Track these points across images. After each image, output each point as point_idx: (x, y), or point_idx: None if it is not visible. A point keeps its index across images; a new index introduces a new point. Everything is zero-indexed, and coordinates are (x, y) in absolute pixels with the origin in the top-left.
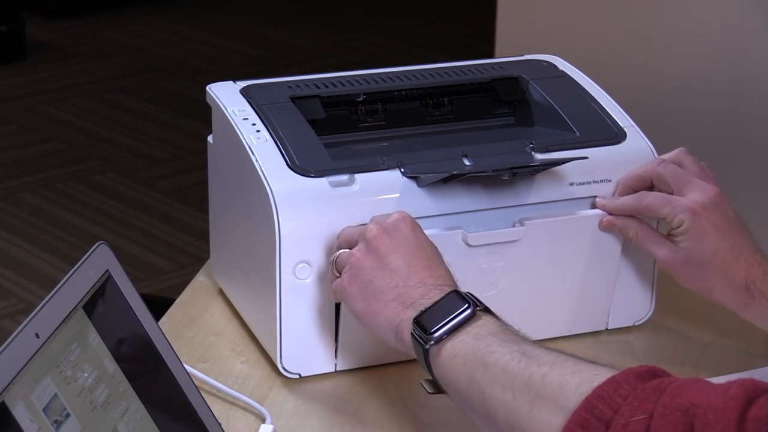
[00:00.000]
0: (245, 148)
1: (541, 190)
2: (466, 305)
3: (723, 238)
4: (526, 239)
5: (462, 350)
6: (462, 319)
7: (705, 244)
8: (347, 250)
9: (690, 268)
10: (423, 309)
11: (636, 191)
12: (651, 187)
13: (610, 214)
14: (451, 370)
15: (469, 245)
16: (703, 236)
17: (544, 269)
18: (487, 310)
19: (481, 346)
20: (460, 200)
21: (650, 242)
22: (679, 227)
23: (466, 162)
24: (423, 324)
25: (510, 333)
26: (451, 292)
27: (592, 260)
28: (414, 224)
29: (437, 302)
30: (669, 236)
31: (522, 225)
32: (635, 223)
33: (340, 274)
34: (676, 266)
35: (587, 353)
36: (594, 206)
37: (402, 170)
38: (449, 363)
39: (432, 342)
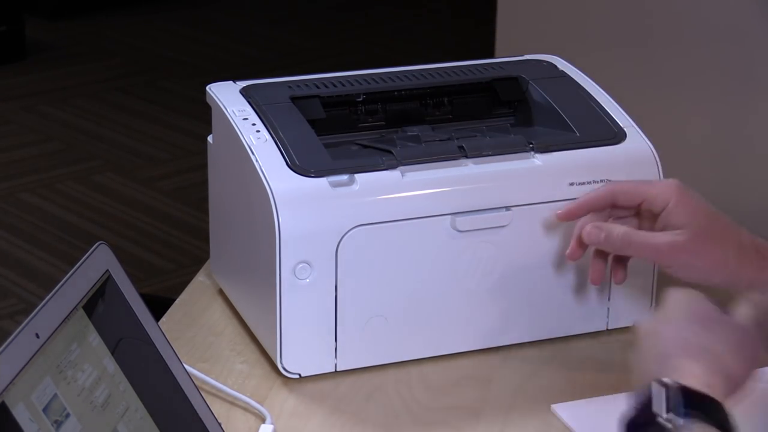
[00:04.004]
0: (245, 148)
1: (540, 191)
2: None
3: (712, 209)
4: (514, 224)
5: None
6: None
7: (702, 213)
8: None
9: (699, 242)
10: None
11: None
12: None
13: (574, 218)
14: None
15: (457, 230)
16: (697, 205)
17: (537, 259)
18: None
19: None
20: (460, 201)
21: (644, 237)
22: (666, 206)
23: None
24: None
25: None
26: None
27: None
28: None
29: None
30: (658, 227)
31: (508, 210)
32: (615, 226)
33: None
34: (685, 247)
35: (587, 353)
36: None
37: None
38: None
39: None
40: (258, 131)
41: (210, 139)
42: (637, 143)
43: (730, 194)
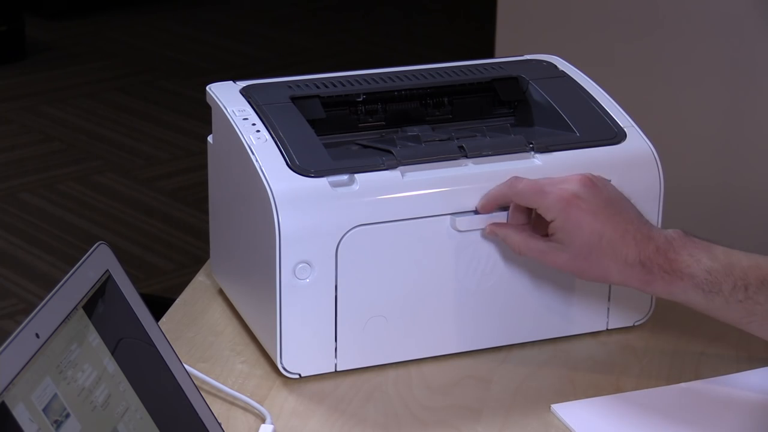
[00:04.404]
0: (245, 148)
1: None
2: None
3: (602, 221)
4: None
5: None
6: None
7: (585, 233)
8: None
9: (581, 260)
10: None
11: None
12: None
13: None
14: None
15: (457, 230)
16: (581, 225)
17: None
18: None
19: None
20: (460, 201)
21: (536, 251)
22: (553, 221)
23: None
24: None
25: None
26: None
27: None
28: None
29: None
30: (550, 237)
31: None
32: (514, 232)
33: None
34: (569, 265)
35: (587, 353)
36: None
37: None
38: None
39: None
40: (258, 131)
41: (210, 139)
42: (637, 143)
43: (730, 194)
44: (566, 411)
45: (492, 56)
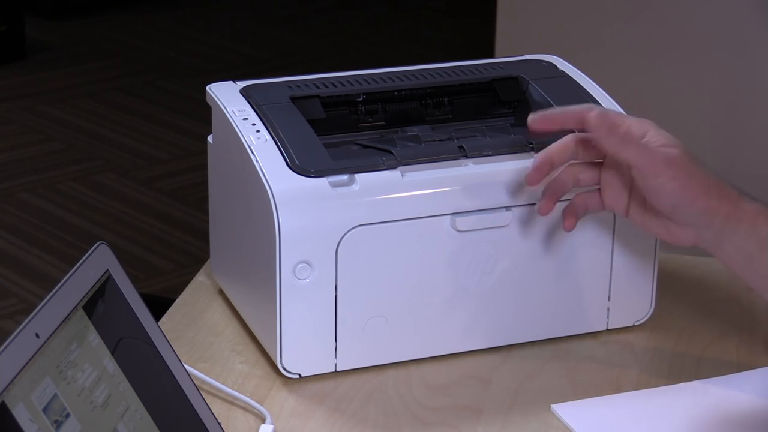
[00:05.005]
0: (245, 148)
1: (540, 191)
2: None
3: (714, 193)
4: (514, 224)
5: None
6: None
7: (699, 205)
8: None
9: (689, 162)
10: None
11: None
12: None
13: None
14: None
15: (457, 230)
16: (697, 198)
17: (537, 259)
18: None
19: None
20: (460, 201)
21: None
22: (656, 185)
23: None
24: None
25: None
26: None
27: (585, 248)
28: None
29: None
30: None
31: (508, 210)
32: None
33: None
34: (680, 163)
35: (587, 353)
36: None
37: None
38: None
39: None
40: (258, 131)
41: (210, 139)
42: None
43: None
44: (566, 411)
45: (492, 56)
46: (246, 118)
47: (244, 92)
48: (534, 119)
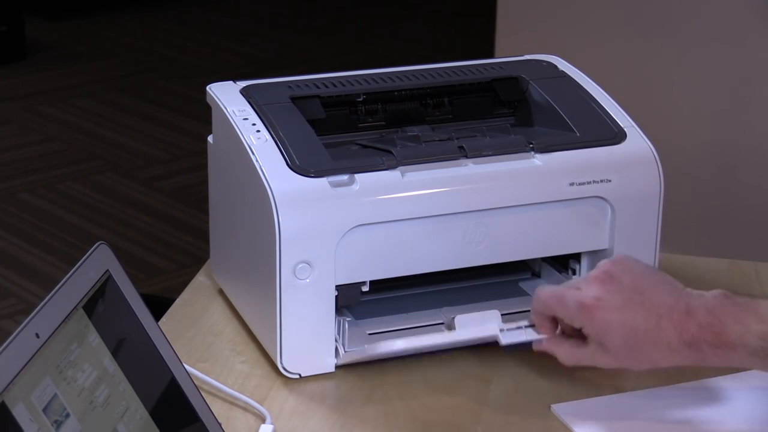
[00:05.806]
0: (245, 148)
1: (540, 191)
2: None
3: (631, 314)
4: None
5: None
6: None
7: (618, 333)
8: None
9: (624, 358)
10: None
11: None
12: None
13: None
14: None
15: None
16: (611, 327)
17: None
18: None
19: None
20: (460, 201)
21: (582, 359)
22: (581, 329)
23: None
24: None
25: None
26: None
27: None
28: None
29: None
30: (587, 341)
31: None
32: (558, 346)
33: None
34: (616, 364)
35: None
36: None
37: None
38: None
39: None
40: (258, 131)
41: (210, 139)
42: (637, 143)
43: (731, 194)
44: (566, 411)
45: (492, 56)
46: (246, 118)
47: (244, 92)
48: (535, 344)
